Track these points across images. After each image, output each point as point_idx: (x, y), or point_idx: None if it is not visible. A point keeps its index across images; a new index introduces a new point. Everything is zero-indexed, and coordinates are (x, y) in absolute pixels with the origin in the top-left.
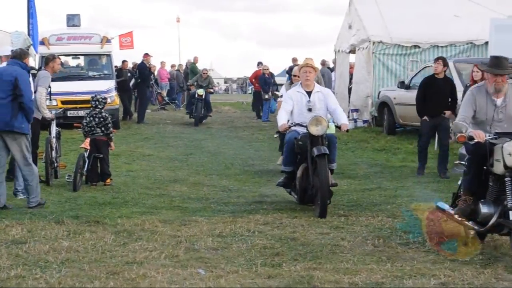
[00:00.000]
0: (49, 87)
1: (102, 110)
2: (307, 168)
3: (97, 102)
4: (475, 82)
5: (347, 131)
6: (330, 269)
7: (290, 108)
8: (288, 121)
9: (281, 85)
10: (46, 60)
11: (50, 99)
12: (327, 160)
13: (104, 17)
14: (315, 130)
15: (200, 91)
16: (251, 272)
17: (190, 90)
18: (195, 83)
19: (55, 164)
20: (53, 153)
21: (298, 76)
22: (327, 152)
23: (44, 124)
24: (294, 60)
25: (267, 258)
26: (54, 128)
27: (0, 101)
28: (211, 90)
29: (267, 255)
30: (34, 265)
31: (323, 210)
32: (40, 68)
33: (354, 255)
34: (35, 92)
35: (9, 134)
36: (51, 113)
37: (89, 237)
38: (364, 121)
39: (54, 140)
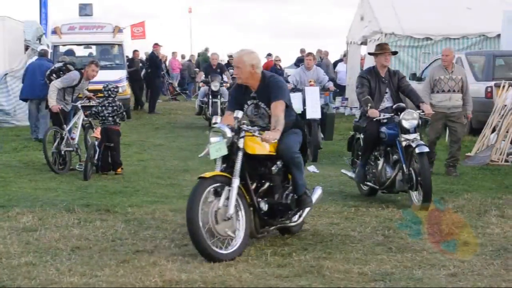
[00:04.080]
0: (75, 86)
1: (116, 99)
2: None
3: (109, 92)
4: None
5: None
6: (340, 259)
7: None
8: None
9: None
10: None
11: (72, 99)
12: None
13: (116, 7)
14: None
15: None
16: (261, 261)
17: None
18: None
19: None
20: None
21: None
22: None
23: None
24: (302, 51)
25: (277, 247)
26: (81, 119)
27: (41, 81)
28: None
29: (277, 245)
30: (45, 253)
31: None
32: (75, 67)
33: (364, 245)
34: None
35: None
36: (67, 104)
37: (99, 225)
38: None
39: (69, 130)
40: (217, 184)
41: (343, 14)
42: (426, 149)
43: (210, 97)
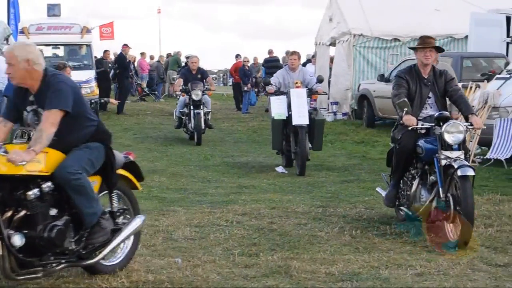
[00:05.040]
0: None
1: None
2: None
3: None
4: None
5: None
6: (307, 259)
7: None
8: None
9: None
10: (57, 68)
11: None
12: None
13: (84, 7)
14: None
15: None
16: (229, 261)
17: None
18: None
19: None
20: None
21: None
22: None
23: None
24: (270, 52)
25: (244, 248)
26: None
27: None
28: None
29: (244, 245)
30: None
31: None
32: None
33: (331, 245)
34: None
35: None
36: None
37: None
38: (344, 114)
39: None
40: None
41: (311, 15)
42: (472, 172)
43: (192, 107)
